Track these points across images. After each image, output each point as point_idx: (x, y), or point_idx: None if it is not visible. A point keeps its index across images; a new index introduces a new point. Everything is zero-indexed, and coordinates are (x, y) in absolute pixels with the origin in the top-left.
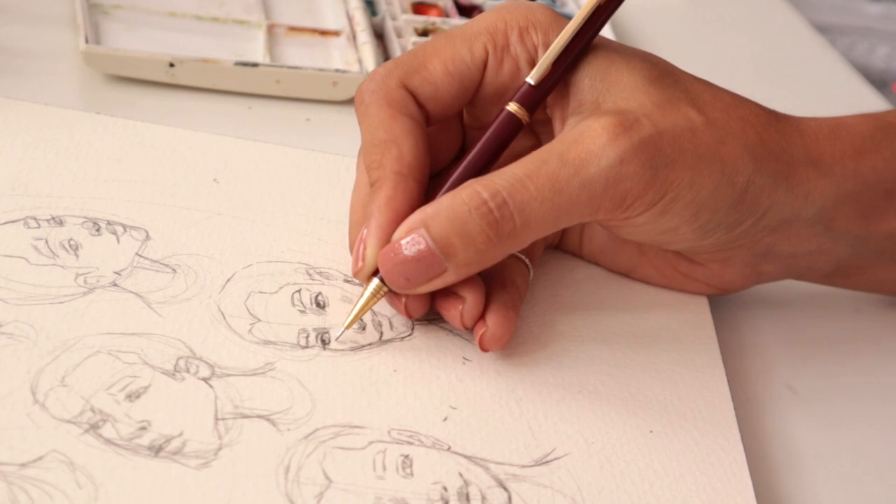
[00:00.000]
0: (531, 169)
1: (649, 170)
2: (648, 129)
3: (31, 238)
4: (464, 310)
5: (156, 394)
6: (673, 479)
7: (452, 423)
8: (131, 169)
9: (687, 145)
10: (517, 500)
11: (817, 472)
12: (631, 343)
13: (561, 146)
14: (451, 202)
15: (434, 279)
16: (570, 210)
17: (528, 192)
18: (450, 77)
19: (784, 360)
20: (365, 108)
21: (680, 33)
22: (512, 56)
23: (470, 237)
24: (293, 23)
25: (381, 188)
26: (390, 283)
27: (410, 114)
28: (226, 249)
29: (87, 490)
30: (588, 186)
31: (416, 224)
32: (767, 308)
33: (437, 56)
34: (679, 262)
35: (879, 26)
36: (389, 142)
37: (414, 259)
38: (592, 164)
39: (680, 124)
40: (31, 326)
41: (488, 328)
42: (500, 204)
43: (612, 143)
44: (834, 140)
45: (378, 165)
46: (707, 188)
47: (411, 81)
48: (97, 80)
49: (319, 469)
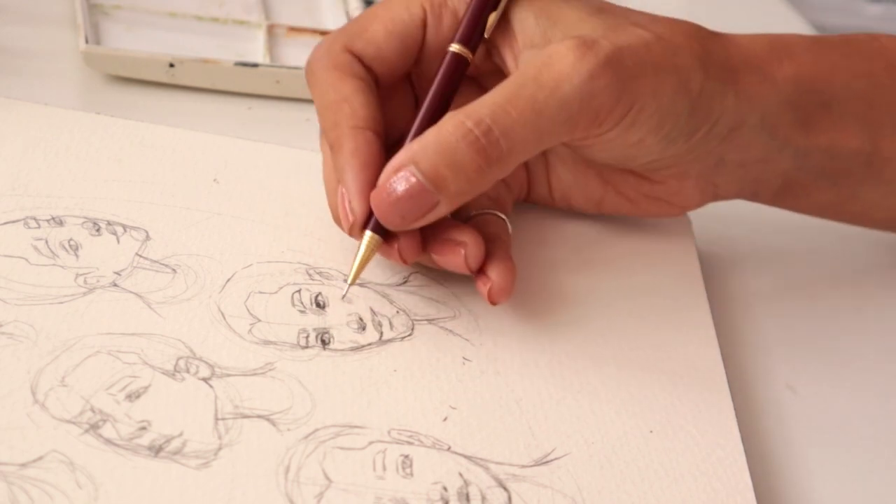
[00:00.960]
0: (510, 94)
1: (617, 83)
2: (608, 46)
3: (31, 238)
4: (467, 253)
5: (156, 394)
6: (673, 479)
7: (452, 423)
8: (131, 169)
9: (645, 58)
10: (517, 500)
11: (817, 472)
12: (630, 343)
13: (532, 70)
14: (437, 135)
15: (428, 212)
16: (550, 130)
17: (510, 117)
18: (391, 37)
19: (784, 360)
20: (313, 77)
21: None
22: (450, 9)
23: (460, 166)
24: (293, 23)
25: (343, 144)
26: (386, 223)
27: (357, 74)
28: (226, 249)
29: (87, 490)
30: (565, 105)
31: (405, 161)
32: (767, 308)
33: (377, 19)
34: (640, 184)
35: (879, 26)
36: (340, 101)
37: (406, 195)
38: (566, 82)
39: (634, 40)
40: (31, 326)
41: (493, 281)
42: (486, 130)
43: (581, 61)
44: (770, 50)
45: (334, 125)
46: (667, 95)
47: (354, 45)
48: (97, 80)
49: (319, 469)
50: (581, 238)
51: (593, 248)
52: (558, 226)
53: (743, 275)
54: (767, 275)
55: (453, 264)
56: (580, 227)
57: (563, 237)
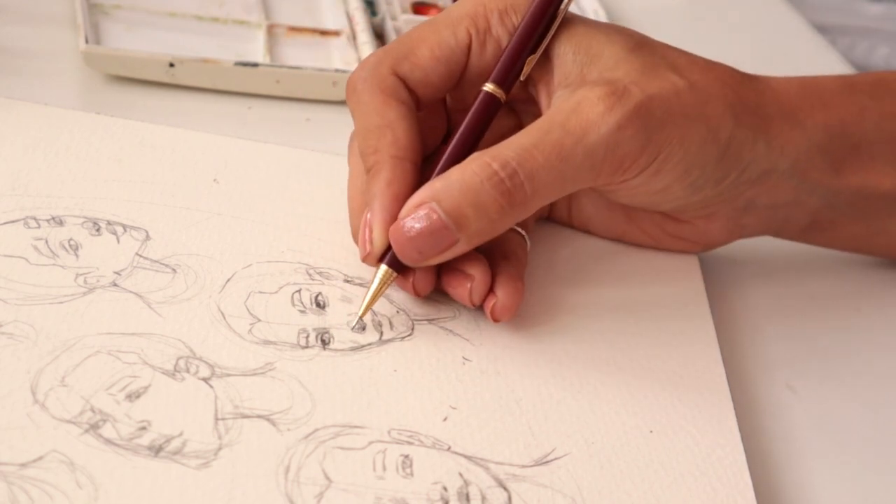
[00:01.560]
0: (536, 139)
1: (643, 133)
2: (638, 95)
3: (31, 238)
4: (472, 287)
5: (156, 394)
6: (673, 479)
7: (452, 423)
8: (131, 169)
9: (674, 107)
10: (517, 500)
11: (817, 472)
12: (630, 343)
13: (560, 116)
14: (462, 174)
15: (446, 250)
16: (574, 176)
17: (536, 161)
18: (437, 62)
19: (784, 360)
20: (357, 96)
21: (680, 33)
22: (494, 38)
23: (483, 207)
24: (293, 23)
25: (380, 172)
26: (403, 258)
27: (402, 99)
28: (226, 249)
29: (87, 490)
30: (591, 153)
31: (427, 198)
32: (767, 308)
33: (424, 42)
34: (666, 223)
35: (879, 26)
36: (384, 127)
37: (426, 232)
38: (593, 132)
39: (665, 88)
40: (31, 326)
41: (498, 299)
42: (512, 173)
43: (609, 112)
44: (803, 95)
45: (374, 150)
46: (695, 144)
47: (401, 68)
48: (97, 80)
49: (319, 469)
50: (581, 238)
51: (593, 249)
52: (559, 230)
53: (743, 275)
54: (767, 275)
55: (458, 297)
56: (577, 234)
57: (563, 240)
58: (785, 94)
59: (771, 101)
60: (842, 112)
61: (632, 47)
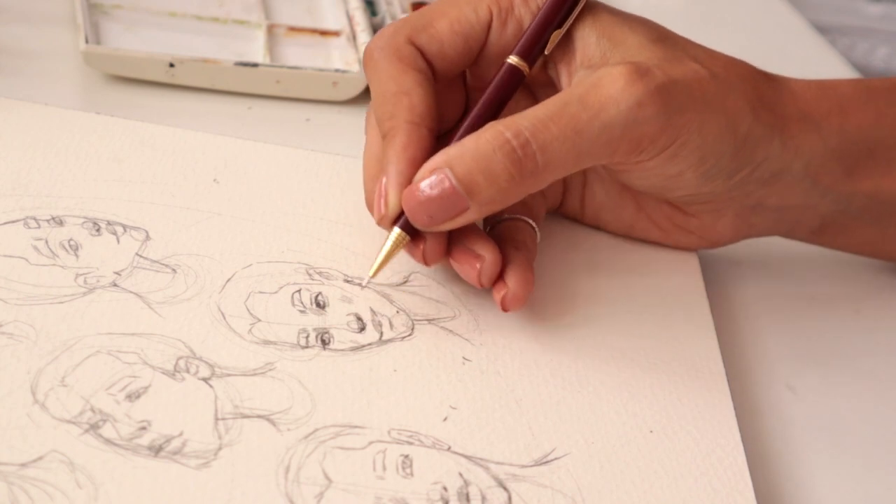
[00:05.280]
0: (553, 111)
1: (664, 114)
2: (661, 76)
3: (31, 238)
4: (482, 268)
5: (156, 394)
6: (673, 479)
7: (452, 423)
8: (131, 169)
9: (696, 93)
10: (517, 500)
11: (817, 472)
12: (630, 343)
13: (580, 90)
14: (475, 142)
15: (456, 216)
16: (589, 151)
17: (550, 133)
18: (455, 36)
19: (784, 360)
20: (374, 64)
21: (680, 33)
22: (516, 17)
23: (494, 175)
24: (293, 23)
25: (396, 137)
26: (414, 221)
27: (419, 68)
28: (226, 249)
29: (87, 490)
30: (607, 129)
31: (440, 164)
32: (768, 308)
33: (444, 16)
34: (674, 215)
35: (879, 26)
36: (400, 93)
37: (438, 197)
38: (612, 107)
39: (688, 74)
40: (31, 326)
41: (509, 288)
42: (524, 143)
43: (630, 87)
44: (821, 99)
45: (390, 116)
46: (713, 134)
47: (418, 38)
48: (97, 80)
49: (319, 469)
50: (581, 240)
51: (592, 251)
52: (561, 229)
53: (743, 275)
54: (767, 275)
55: (467, 275)
56: (581, 230)
57: (564, 239)
58: (803, 97)
59: (789, 101)
60: (859, 117)
61: (654, 38)
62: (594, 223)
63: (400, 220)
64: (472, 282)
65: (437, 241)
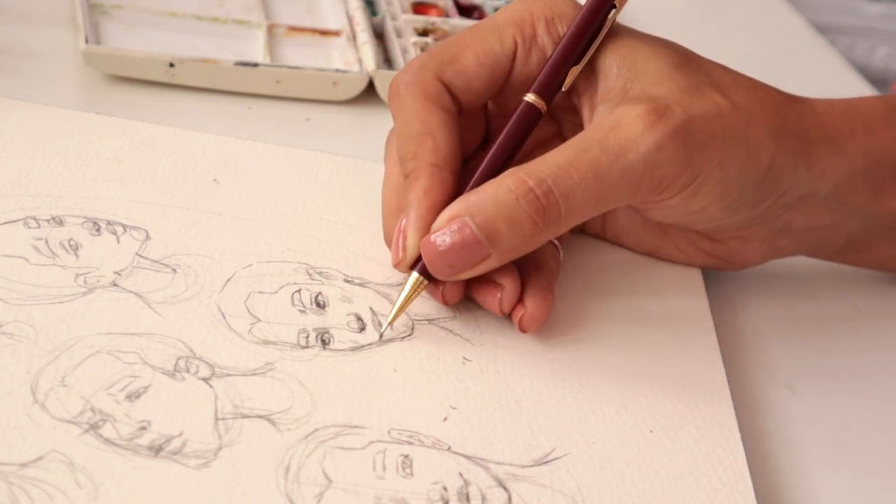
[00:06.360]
0: (573, 156)
1: (683, 154)
2: (680, 115)
3: (31, 238)
4: (502, 297)
5: (156, 394)
6: (673, 479)
7: (452, 423)
8: (131, 169)
9: (715, 129)
10: (517, 500)
11: (817, 472)
12: (630, 343)
13: (599, 133)
14: (496, 190)
15: (477, 265)
16: (610, 195)
17: (571, 180)
18: (482, 68)
19: (784, 360)
20: (400, 100)
21: (680, 33)
22: (539, 46)
23: (517, 224)
24: (293, 23)
25: (418, 179)
26: (434, 271)
27: (445, 106)
28: (226, 249)
29: (87, 490)
30: (628, 173)
31: (460, 212)
32: (768, 308)
33: (470, 48)
34: (701, 241)
35: (879, 26)
36: (425, 133)
37: (459, 246)
38: (631, 151)
39: (707, 109)
40: (31, 326)
41: (527, 310)
42: (546, 191)
43: (649, 131)
44: (846, 120)
45: (413, 157)
46: (734, 168)
47: (445, 73)
48: (97, 80)
49: (319, 469)
50: (580, 241)
51: (592, 252)
52: (585, 241)
53: (743, 275)
54: (767, 275)
55: (488, 306)
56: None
57: (590, 252)
58: (827, 118)
59: (813, 124)
60: (884, 136)
61: (677, 63)
62: (616, 243)
63: (418, 265)
64: (493, 311)
65: (457, 282)
